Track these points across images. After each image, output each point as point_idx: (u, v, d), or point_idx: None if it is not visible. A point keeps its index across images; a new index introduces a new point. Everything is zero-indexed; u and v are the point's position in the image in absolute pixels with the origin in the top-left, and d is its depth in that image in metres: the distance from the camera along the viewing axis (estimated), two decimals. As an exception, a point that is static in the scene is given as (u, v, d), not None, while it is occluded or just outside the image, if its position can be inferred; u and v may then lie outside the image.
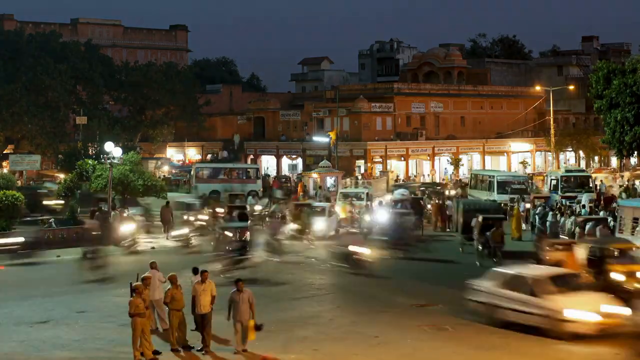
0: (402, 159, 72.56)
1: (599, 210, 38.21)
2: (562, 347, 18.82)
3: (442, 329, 20.46)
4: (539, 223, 36.70)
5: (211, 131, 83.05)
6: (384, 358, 18.28)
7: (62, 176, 53.72)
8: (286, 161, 78.26)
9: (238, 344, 18.26)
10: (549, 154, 76.74)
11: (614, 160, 79.55)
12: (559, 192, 46.63)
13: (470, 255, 32.16)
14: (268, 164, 78.88)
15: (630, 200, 36.78)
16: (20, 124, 65.10)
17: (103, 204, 40.29)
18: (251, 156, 78.93)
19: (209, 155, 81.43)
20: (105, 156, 42.02)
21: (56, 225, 36.97)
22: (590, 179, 50.26)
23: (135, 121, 76.13)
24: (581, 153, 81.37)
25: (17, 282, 27.63)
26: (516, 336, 19.78)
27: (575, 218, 33.98)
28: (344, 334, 20.11)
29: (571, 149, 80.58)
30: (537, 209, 38.49)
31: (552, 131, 70.74)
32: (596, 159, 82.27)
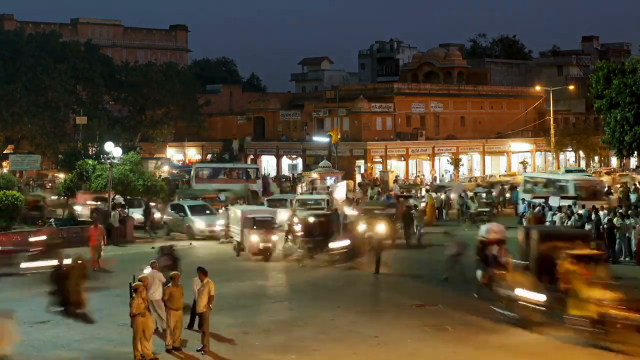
0: (402, 159, 72.49)
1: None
2: (563, 347, 18.83)
3: (442, 329, 20.47)
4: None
5: (211, 131, 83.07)
6: (384, 358, 18.28)
7: (62, 176, 53.64)
8: (286, 161, 78.24)
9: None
10: (549, 154, 76.71)
11: (614, 160, 79.63)
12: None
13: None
14: (268, 164, 78.92)
15: None
16: (20, 124, 65.05)
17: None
18: (251, 156, 78.93)
19: (209, 155, 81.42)
20: (105, 156, 42.00)
21: (56, 225, 36.97)
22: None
23: (135, 121, 76.12)
24: (581, 153, 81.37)
25: (18, 282, 27.59)
26: (516, 336, 19.80)
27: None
28: (344, 334, 20.11)
29: (571, 149, 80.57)
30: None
31: (552, 131, 70.74)
32: (596, 159, 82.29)
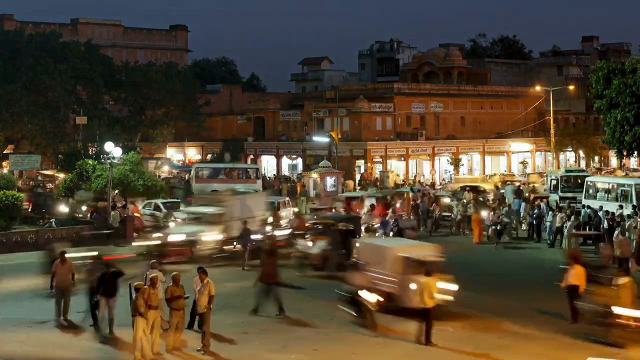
0: (402, 159, 72.49)
1: None
2: (563, 347, 18.83)
3: (442, 329, 20.45)
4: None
5: (211, 131, 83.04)
6: (384, 358, 18.29)
7: (62, 176, 53.62)
8: (286, 161, 78.23)
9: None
10: (549, 154, 76.68)
11: (614, 160, 79.60)
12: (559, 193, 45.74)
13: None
14: (268, 164, 78.89)
15: None
16: (20, 124, 64.98)
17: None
18: (251, 156, 78.91)
19: (209, 156, 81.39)
20: (105, 156, 42.00)
21: (56, 225, 36.98)
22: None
23: (135, 121, 76.09)
24: (581, 153, 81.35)
25: (18, 282, 27.60)
26: (516, 336, 19.80)
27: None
28: (344, 334, 20.11)
29: (571, 149, 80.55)
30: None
31: (552, 131, 70.70)
32: (596, 159, 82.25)
